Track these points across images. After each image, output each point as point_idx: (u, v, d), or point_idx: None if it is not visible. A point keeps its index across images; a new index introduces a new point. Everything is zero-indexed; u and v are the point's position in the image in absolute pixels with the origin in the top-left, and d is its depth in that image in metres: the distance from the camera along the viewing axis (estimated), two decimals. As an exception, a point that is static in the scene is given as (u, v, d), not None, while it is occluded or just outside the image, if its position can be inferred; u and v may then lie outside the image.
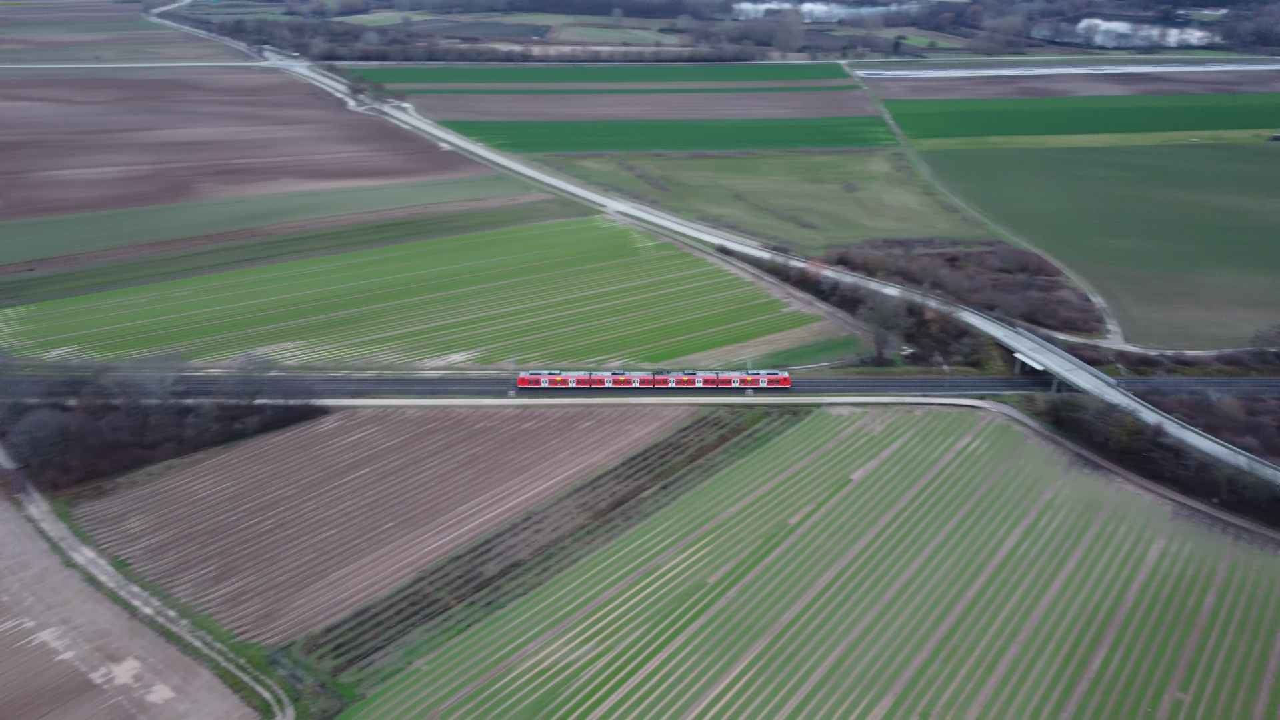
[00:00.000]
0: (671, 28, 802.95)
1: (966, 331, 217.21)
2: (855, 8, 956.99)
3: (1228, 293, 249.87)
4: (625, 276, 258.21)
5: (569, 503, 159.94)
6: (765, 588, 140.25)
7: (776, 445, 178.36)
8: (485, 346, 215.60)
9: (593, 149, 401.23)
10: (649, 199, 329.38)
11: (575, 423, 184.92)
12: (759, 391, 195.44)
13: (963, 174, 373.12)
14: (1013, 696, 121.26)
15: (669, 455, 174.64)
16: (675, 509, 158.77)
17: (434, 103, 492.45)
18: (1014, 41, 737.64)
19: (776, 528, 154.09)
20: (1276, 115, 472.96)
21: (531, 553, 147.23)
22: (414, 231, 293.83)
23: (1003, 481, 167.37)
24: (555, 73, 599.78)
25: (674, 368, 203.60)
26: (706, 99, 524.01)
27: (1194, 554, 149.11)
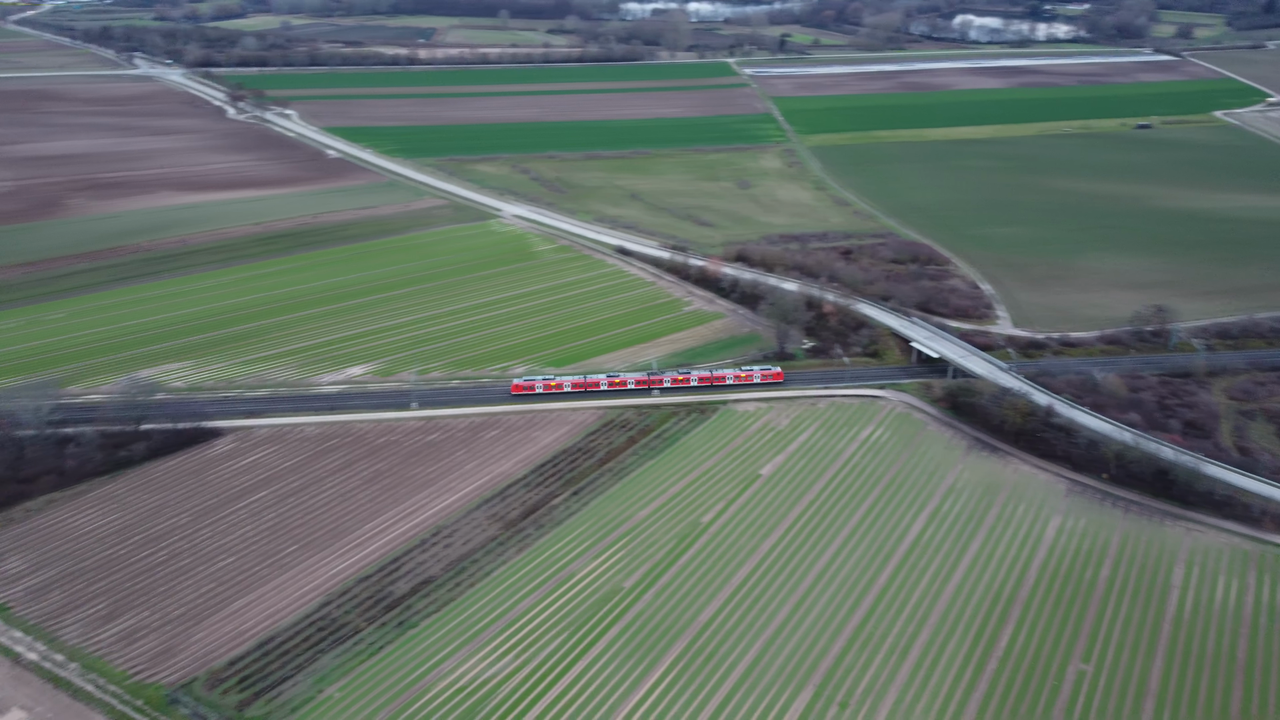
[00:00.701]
0: (559, 28, 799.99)
1: (864, 323, 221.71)
2: (740, 6, 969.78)
3: (1105, 275, 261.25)
4: (525, 281, 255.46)
5: (479, 514, 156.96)
6: (681, 588, 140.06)
7: (685, 444, 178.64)
8: (384, 358, 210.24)
9: (485, 152, 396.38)
10: (545, 201, 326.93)
11: (481, 432, 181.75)
12: (666, 391, 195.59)
13: (852, 168, 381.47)
14: (927, 679, 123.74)
15: (578, 460, 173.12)
16: (587, 514, 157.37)
17: (319, 109, 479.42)
18: (894, 38, 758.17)
19: (689, 527, 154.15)
20: (1141, 104, 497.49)
21: (443, 568, 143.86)
22: (304, 242, 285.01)
23: (906, 468, 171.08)
24: (443, 76, 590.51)
25: (586, 371, 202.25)
26: (598, 99, 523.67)
27: (1088, 529, 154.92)
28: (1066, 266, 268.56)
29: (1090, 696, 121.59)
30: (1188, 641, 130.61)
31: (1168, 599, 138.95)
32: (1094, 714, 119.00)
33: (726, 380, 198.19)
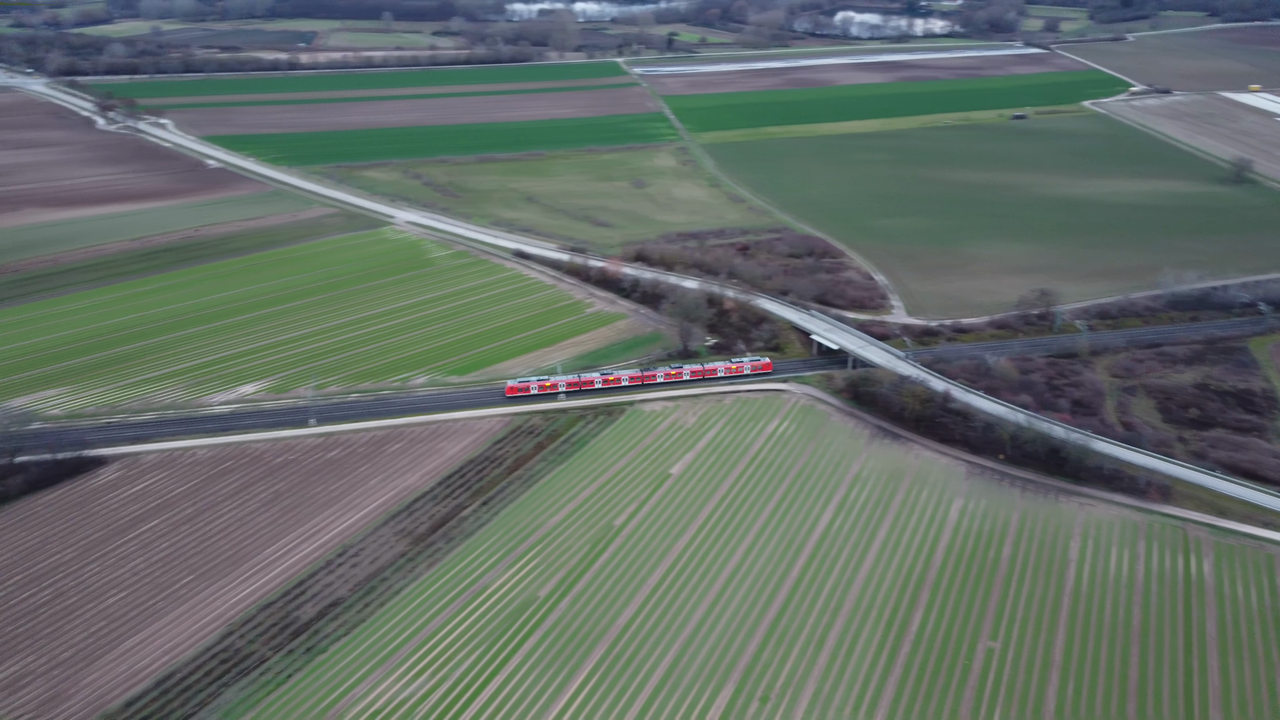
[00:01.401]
0: (445, 30, 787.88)
1: (765, 318, 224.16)
2: (627, 6, 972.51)
3: (992, 262, 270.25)
4: (422, 288, 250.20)
5: (386, 531, 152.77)
6: (597, 594, 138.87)
7: (594, 447, 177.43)
8: (278, 374, 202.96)
9: (375, 158, 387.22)
10: (439, 207, 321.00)
11: (384, 445, 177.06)
12: (575, 394, 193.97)
13: (745, 164, 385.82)
14: (844, 668, 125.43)
15: (486, 469, 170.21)
16: (498, 524, 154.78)
17: (196, 117, 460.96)
18: (779, 35, 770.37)
19: (602, 531, 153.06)
20: (1015, 96, 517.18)
21: (350, 589, 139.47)
22: (187, 257, 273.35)
23: (812, 460, 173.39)
24: (327, 80, 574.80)
25: (490, 378, 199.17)
26: (488, 101, 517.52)
27: (989, 509, 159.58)
28: (955, 255, 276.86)
29: (999, 672, 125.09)
30: (1086, 613, 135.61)
31: (1066, 573, 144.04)
32: (1003, 689, 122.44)
33: (718, 373, 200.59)
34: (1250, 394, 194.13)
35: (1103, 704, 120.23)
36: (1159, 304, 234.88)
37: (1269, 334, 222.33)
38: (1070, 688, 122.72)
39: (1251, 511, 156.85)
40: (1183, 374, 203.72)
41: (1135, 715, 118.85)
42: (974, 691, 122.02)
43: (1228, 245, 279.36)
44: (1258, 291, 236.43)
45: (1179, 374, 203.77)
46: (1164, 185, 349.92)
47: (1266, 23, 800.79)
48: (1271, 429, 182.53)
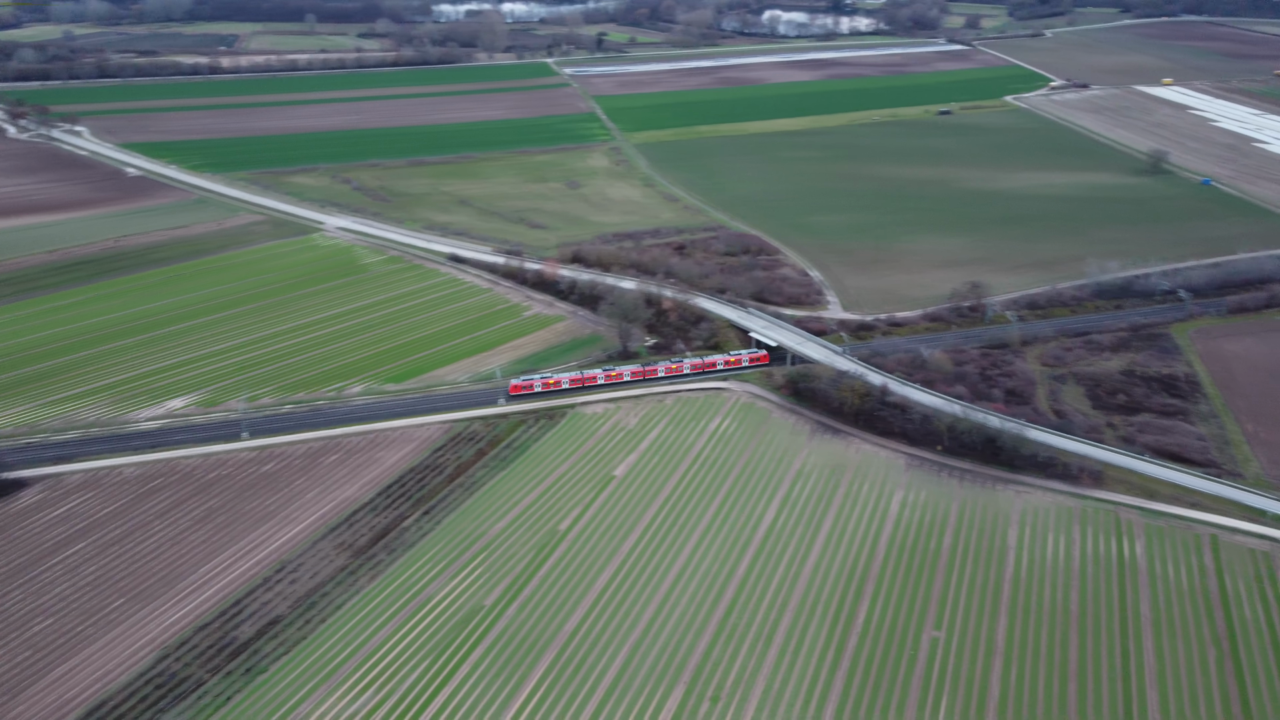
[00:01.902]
0: (371, 32, 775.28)
1: (703, 317, 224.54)
2: (555, 6, 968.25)
3: (924, 256, 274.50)
4: (355, 295, 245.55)
5: (325, 544, 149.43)
6: (544, 600, 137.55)
7: (536, 452, 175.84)
8: (208, 387, 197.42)
9: (302, 163, 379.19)
10: (370, 212, 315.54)
11: (320, 457, 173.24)
12: (512, 399, 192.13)
13: (678, 164, 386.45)
14: (793, 664, 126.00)
15: (427, 478, 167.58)
16: (441, 533, 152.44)
17: (113, 124, 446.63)
18: (707, 34, 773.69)
19: (547, 536, 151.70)
20: (940, 92, 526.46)
21: (290, 606, 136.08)
22: (108, 269, 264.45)
23: (755, 457, 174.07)
24: (250, 85, 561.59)
25: (428, 384, 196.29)
26: (418, 104, 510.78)
27: (928, 500, 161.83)
28: (888, 249, 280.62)
29: (944, 661, 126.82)
30: (1026, 598, 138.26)
31: (1005, 560, 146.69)
32: (949, 678, 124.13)
33: (718, 366, 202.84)
34: (1174, 379, 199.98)
35: (1045, 688, 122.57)
36: (1085, 293, 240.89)
37: (1189, 320, 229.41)
38: (1013, 673, 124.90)
39: (1179, 493, 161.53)
40: (1110, 361, 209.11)
41: (1075, 697, 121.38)
42: (920, 681, 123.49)
43: (1148, 235, 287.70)
44: (1177, 279, 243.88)
45: (1106, 361, 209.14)
46: (1086, 177, 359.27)
47: (1176, 18, 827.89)
48: (1195, 412, 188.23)
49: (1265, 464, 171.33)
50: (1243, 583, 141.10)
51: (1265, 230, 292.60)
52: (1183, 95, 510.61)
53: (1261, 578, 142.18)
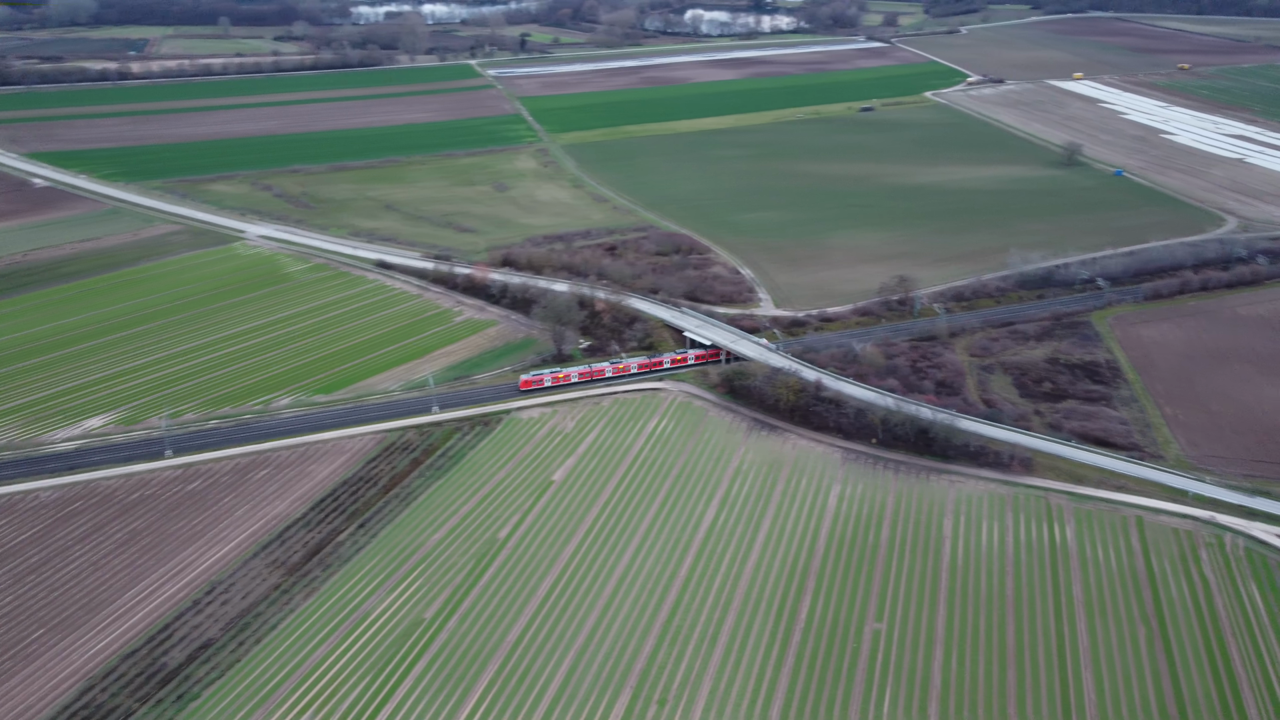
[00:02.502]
0: (288, 35, 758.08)
1: (637, 317, 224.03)
2: (476, 7, 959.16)
3: (852, 251, 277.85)
4: (280, 305, 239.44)
5: (257, 563, 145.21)
6: (486, 610, 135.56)
7: (473, 460, 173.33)
8: (128, 405, 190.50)
9: (221, 170, 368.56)
10: (293, 219, 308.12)
11: (249, 473, 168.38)
12: (445, 407, 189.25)
13: (606, 164, 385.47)
14: (738, 663, 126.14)
15: (361, 490, 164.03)
16: (377, 547, 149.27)
17: (17, 133, 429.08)
18: (631, 33, 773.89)
19: (487, 545, 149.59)
20: (862, 89, 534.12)
21: (222, 628, 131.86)
22: (16, 284, 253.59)
23: (693, 457, 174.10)
24: (163, 90, 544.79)
25: (359, 394, 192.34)
26: (339, 107, 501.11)
27: (865, 493, 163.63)
28: (816, 246, 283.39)
29: (887, 653, 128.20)
30: (964, 587, 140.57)
31: (942, 549, 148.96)
32: (891, 669, 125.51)
33: (689, 360, 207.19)
34: (1096, 365, 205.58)
35: (984, 674, 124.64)
36: (1009, 284, 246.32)
37: (1108, 307, 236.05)
38: (954, 661, 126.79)
39: (1105, 477, 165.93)
40: (1034, 350, 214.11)
41: (1015, 682, 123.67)
42: (864, 674, 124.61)
43: (1066, 225, 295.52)
44: (1095, 268, 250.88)
45: (1031, 350, 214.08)
46: (1005, 170, 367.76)
47: (1083, 14, 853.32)
48: (1117, 397, 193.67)
49: (1184, 445, 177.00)
50: (1168, 562, 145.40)
51: (1175, 218, 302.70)
52: (1093, 89, 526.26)
53: (1185, 556, 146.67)
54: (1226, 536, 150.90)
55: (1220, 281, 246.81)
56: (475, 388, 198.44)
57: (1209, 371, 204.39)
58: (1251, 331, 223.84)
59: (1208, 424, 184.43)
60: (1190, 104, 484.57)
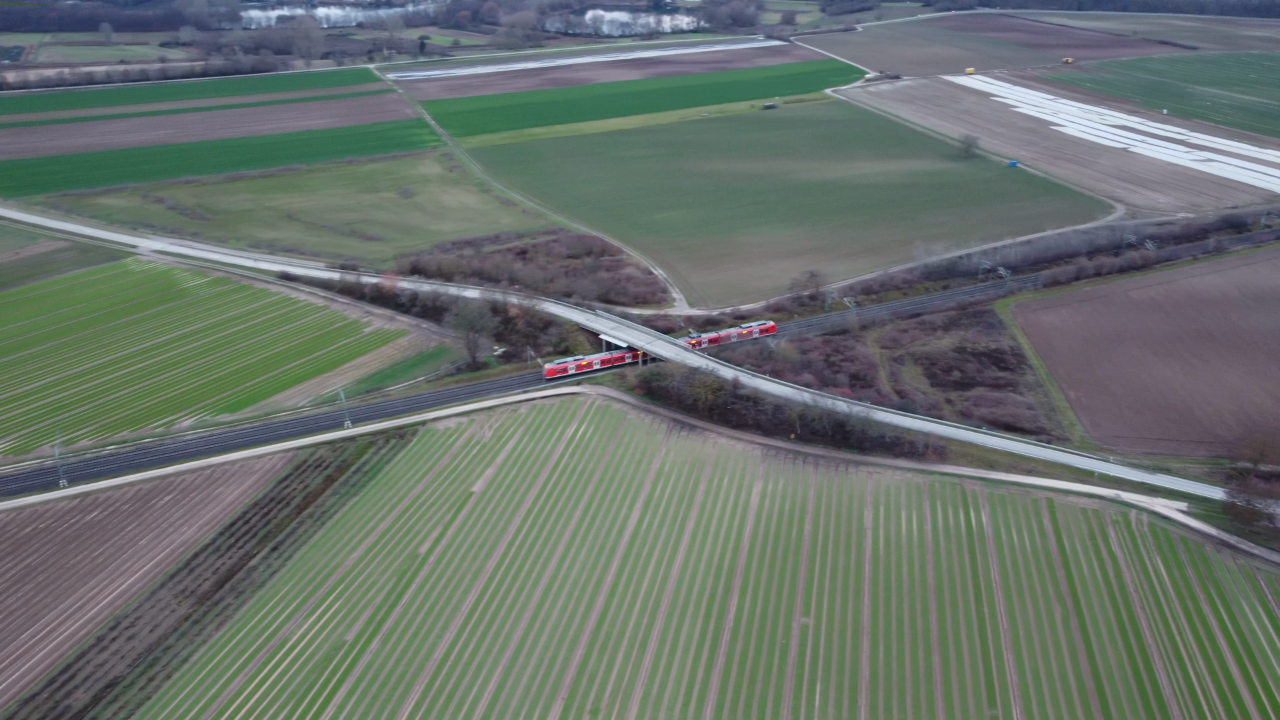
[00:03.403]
0: (174, 41, 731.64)
1: (551, 321, 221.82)
2: (373, 10, 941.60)
3: (763, 248, 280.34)
4: (178, 322, 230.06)
5: (164, 594, 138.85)
6: (409, 629, 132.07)
7: (389, 474, 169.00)
8: (16, 434, 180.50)
9: (108, 183, 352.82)
10: (189, 232, 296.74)
11: (152, 500, 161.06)
12: (358, 421, 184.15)
13: (513, 167, 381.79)
14: (669, 667, 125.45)
15: (273, 511, 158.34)
16: (292, 569, 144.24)
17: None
18: (532, 35, 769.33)
19: (407, 561, 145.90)
20: (764, 87, 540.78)
21: (129, 664, 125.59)
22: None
23: (615, 461, 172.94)
24: (42, 100, 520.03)
25: (267, 412, 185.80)
26: (232, 115, 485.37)
27: (786, 489, 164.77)
28: (726, 244, 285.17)
29: (815, 647, 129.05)
30: (886, 577, 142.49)
31: (864, 540, 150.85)
32: (820, 663, 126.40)
33: (731, 339, 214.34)
34: (1001, 353, 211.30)
35: (910, 663, 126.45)
36: (915, 276, 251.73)
37: (1010, 296, 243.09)
38: (880, 651, 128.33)
39: (1015, 461, 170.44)
40: (942, 340, 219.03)
41: (940, 668, 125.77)
42: (794, 670, 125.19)
43: (966, 216, 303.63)
44: (996, 258, 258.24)
45: (939, 340, 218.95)
46: (906, 164, 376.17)
47: (972, 11, 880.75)
48: (1022, 383, 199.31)
49: (1088, 427, 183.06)
50: (1079, 541, 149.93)
51: (1068, 207, 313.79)
52: (985, 83, 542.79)
53: (1094, 535, 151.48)
54: (1131, 513, 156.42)
55: (1113, 267, 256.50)
56: (388, 400, 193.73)
57: (1106, 354, 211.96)
58: (1143, 314, 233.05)
59: (1108, 405, 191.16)
60: (1076, 96, 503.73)
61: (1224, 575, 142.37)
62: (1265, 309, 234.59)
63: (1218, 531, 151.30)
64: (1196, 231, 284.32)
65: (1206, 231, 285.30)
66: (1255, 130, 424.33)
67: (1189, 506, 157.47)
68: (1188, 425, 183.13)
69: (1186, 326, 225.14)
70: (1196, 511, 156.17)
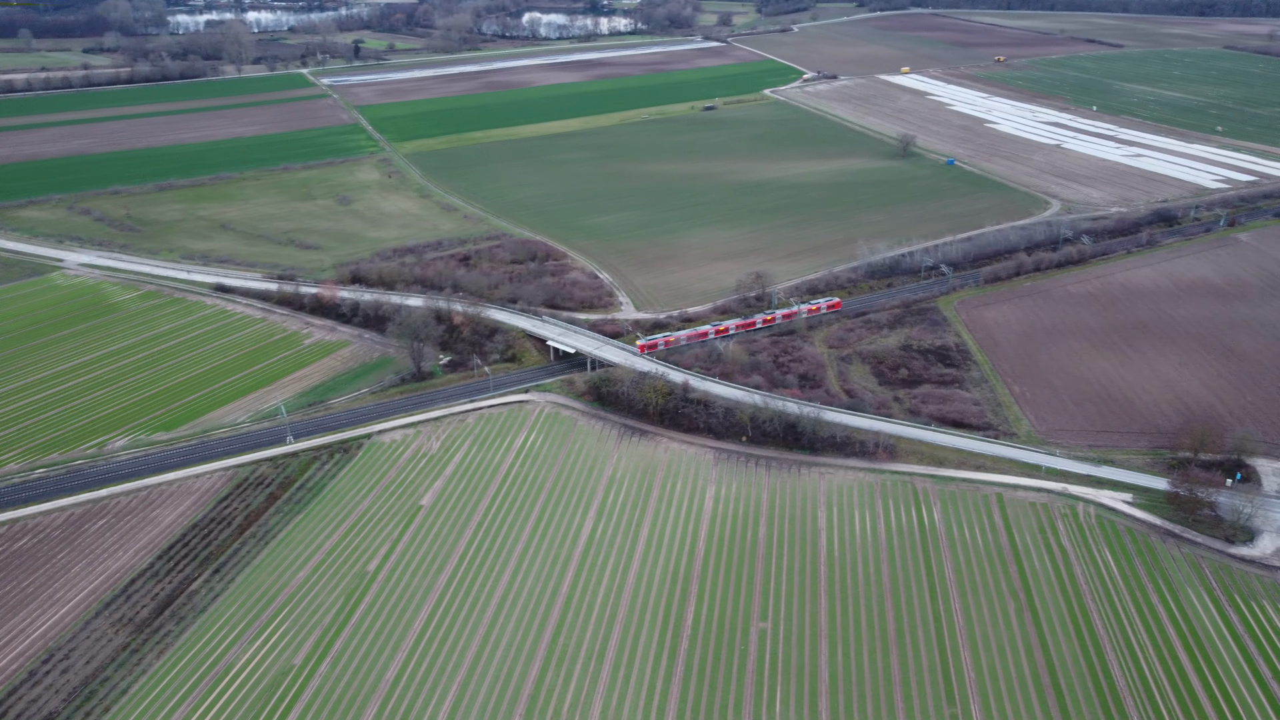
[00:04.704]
0: (98, 47, 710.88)
1: (497, 329, 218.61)
2: (305, 14, 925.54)
3: (705, 249, 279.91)
4: (109, 338, 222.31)
5: (100, 623, 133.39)
6: (360, 650, 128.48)
7: (334, 490, 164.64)
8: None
9: (30, 195, 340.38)
10: (118, 244, 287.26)
11: (84, 525, 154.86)
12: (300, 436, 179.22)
13: (452, 172, 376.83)
14: (628, 678, 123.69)
15: (213, 532, 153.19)
16: (235, 593, 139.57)
17: None
18: (468, 38, 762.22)
19: (355, 580, 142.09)
20: (703, 88, 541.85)
21: (64, 699, 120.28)
22: None
23: (566, 469, 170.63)
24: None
25: (204, 429, 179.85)
26: (161, 123, 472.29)
27: (740, 492, 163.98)
28: (670, 246, 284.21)
29: (774, 651, 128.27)
30: (842, 578, 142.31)
31: (819, 541, 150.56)
32: (780, 667, 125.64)
33: (801, 314, 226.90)
34: (946, 350, 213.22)
35: (869, 663, 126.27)
36: (859, 274, 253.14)
37: (953, 293, 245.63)
38: (839, 653, 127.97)
39: (965, 458, 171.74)
40: (888, 338, 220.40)
41: (899, 668, 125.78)
42: (754, 675, 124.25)
43: (907, 214, 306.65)
44: (938, 255, 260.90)
45: (885, 338, 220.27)
46: (845, 163, 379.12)
47: (905, 10, 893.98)
48: (968, 379, 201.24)
49: (1034, 421, 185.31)
50: (1029, 535, 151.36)
51: (1005, 204, 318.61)
52: (920, 82, 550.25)
53: (1044, 529, 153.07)
54: (1079, 506, 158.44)
55: (1051, 262, 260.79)
56: (331, 413, 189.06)
57: (1048, 348, 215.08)
58: (1081, 308, 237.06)
59: (1051, 399, 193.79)
60: (1009, 94, 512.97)
61: (1170, 565, 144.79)
62: (1195, 300, 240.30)
63: (1162, 521, 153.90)
64: (1129, 226, 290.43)
65: (1139, 225, 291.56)
66: (1180, 125, 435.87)
67: (1134, 497, 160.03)
68: (1128, 416, 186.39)
69: (1122, 319, 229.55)
70: (1141, 502, 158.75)
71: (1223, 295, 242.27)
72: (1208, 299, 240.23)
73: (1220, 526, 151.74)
